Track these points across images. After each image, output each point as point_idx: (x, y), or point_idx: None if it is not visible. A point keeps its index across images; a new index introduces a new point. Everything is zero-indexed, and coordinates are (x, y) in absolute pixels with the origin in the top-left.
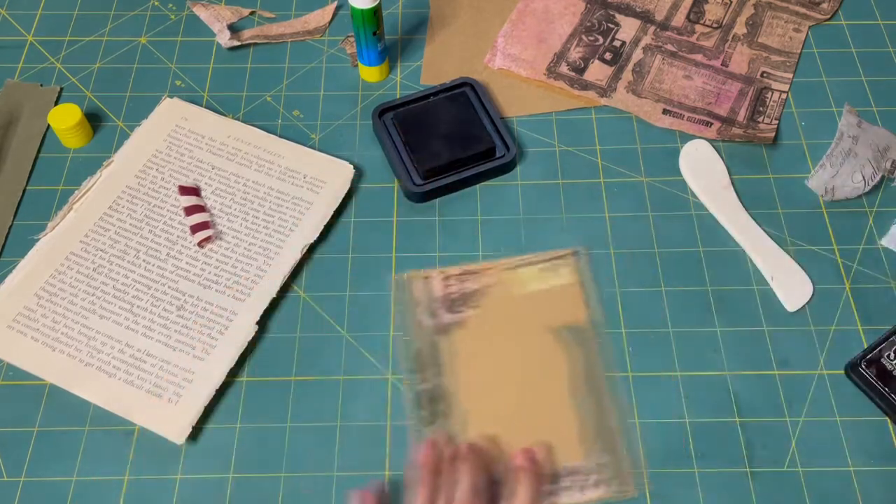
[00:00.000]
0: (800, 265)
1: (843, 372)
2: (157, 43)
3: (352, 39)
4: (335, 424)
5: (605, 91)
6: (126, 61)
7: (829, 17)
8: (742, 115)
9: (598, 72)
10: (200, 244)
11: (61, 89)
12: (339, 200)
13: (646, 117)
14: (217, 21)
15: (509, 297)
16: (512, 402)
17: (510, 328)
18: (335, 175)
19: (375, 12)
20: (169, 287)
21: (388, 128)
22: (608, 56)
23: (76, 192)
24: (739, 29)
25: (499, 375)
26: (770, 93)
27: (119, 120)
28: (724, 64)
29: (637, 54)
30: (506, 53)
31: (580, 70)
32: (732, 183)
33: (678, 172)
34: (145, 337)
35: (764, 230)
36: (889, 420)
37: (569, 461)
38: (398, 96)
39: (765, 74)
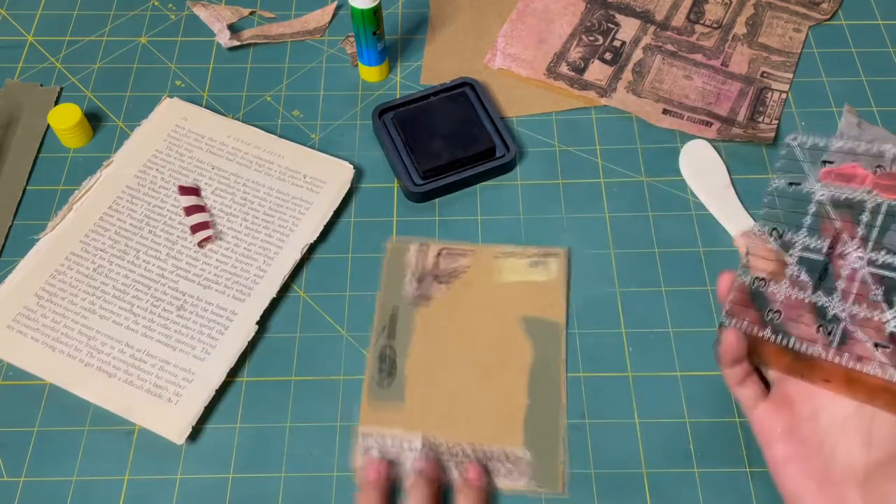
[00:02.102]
0: None
1: None
2: (157, 43)
3: (352, 39)
4: (335, 424)
5: (605, 91)
6: (126, 61)
7: (829, 17)
8: (742, 115)
9: (598, 72)
10: (200, 244)
11: (61, 89)
12: (339, 200)
13: (646, 117)
14: (217, 21)
15: (489, 282)
16: (468, 379)
17: (484, 309)
18: (335, 175)
19: (375, 12)
20: (169, 287)
21: (388, 128)
22: (608, 56)
23: (76, 192)
24: (739, 29)
25: (461, 351)
26: (770, 93)
27: (119, 120)
28: (724, 64)
29: (637, 54)
30: (506, 53)
31: (580, 70)
32: (732, 183)
33: (678, 172)
34: (145, 337)
35: None
36: None
37: (505, 446)
38: (398, 96)
39: (765, 74)
